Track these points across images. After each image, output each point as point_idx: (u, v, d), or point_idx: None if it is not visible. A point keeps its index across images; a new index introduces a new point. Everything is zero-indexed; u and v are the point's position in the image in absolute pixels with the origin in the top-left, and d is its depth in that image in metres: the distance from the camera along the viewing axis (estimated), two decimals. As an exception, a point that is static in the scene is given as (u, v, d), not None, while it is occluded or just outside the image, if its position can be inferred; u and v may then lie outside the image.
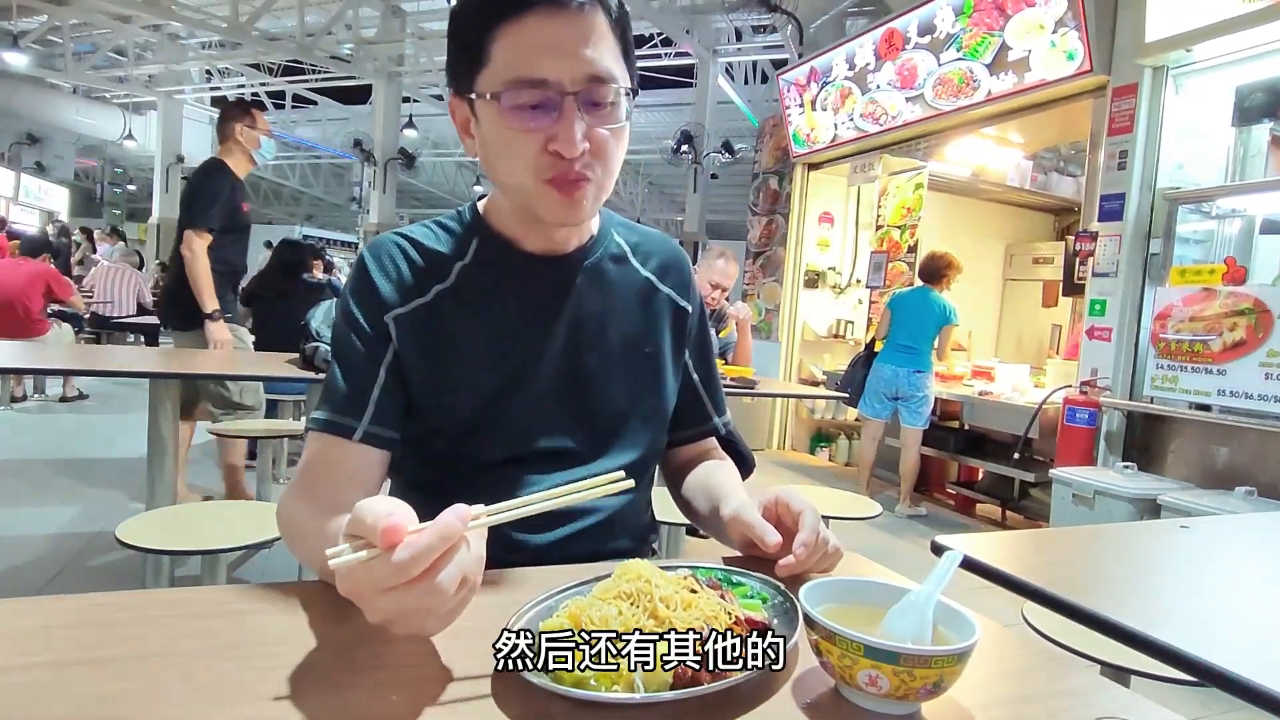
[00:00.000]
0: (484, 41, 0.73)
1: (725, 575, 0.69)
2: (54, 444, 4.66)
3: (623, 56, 0.76)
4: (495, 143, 0.75)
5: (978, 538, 0.96)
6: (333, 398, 0.80)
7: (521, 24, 0.71)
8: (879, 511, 2.30)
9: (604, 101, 0.74)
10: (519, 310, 0.84)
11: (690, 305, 0.96)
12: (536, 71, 0.71)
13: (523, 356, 0.83)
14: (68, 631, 0.56)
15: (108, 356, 2.84)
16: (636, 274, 0.93)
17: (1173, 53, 3.33)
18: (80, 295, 6.41)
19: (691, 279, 0.98)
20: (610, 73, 0.74)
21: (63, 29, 11.12)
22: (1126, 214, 3.50)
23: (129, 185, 20.11)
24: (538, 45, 0.71)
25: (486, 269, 0.84)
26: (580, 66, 0.72)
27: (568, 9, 0.71)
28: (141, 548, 1.55)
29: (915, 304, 4.31)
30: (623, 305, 0.90)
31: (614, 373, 0.87)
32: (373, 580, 0.48)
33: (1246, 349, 2.94)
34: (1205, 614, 0.78)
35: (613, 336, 0.88)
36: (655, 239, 0.97)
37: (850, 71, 5.20)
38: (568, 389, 0.85)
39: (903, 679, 0.49)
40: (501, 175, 0.78)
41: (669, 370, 0.93)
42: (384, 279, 0.82)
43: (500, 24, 0.72)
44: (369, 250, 0.84)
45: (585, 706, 0.49)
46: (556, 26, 0.71)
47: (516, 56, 0.72)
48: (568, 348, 0.85)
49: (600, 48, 0.73)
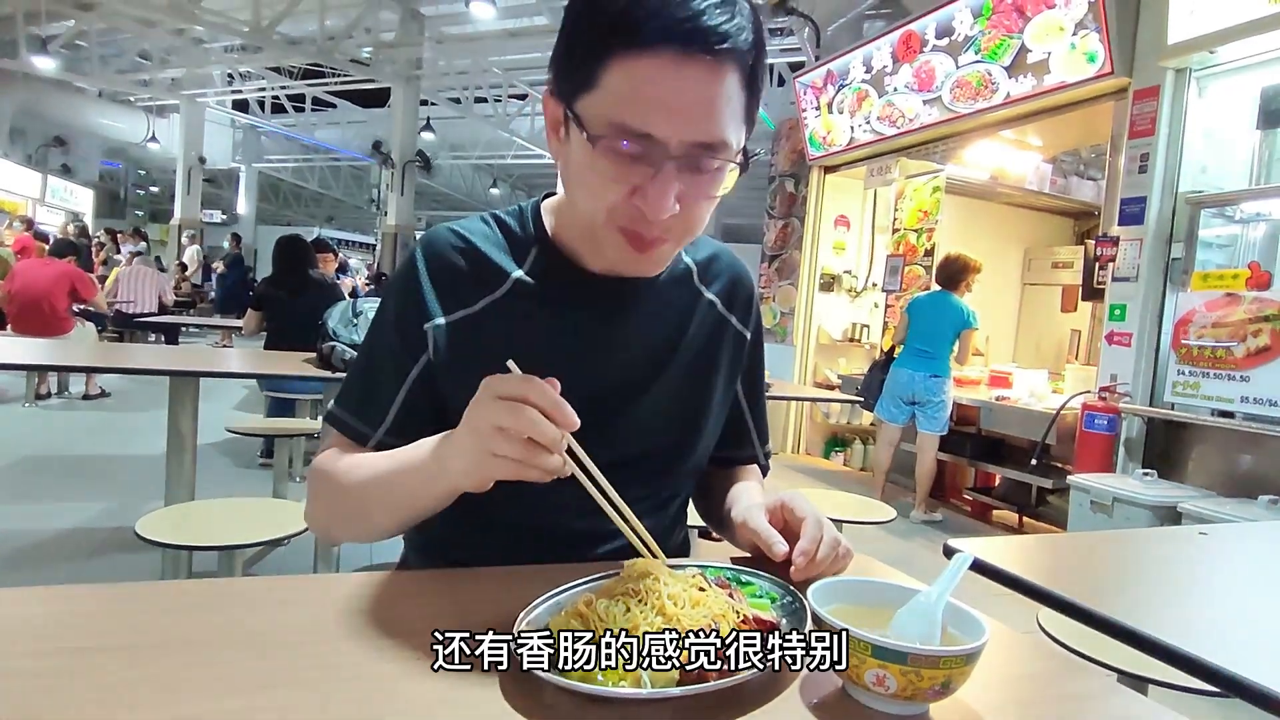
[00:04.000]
0: (596, 62, 0.64)
1: (734, 575, 0.69)
2: (76, 441, 4.74)
3: (745, 114, 0.68)
4: (580, 171, 0.69)
5: (992, 542, 0.95)
6: (354, 398, 0.80)
7: (641, 61, 0.62)
8: (893, 516, 2.29)
9: (708, 168, 0.67)
10: (570, 330, 0.79)
11: (749, 332, 0.91)
12: (644, 125, 0.63)
13: (564, 377, 0.78)
14: (86, 620, 0.57)
15: (129, 355, 2.89)
16: (700, 297, 0.87)
17: (1196, 55, 3.28)
18: (103, 295, 6.52)
19: (754, 301, 0.93)
20: (724, 140, 0.66)
21: (89, 34, 11.35)
22: (1148, 218, 3.45)
23: (152, 187, 20.45)
24: (652, 95, 0.63)
25: (542, 284, 0.80)
26: (693, 131, 0.64)
27: (698, 60, 0.62)
28: (159, 542, 1.57)
29: (932, 308, 4.28)
30: (681, 329, 0.85)
31: (662, 395, 0.83)
32: (524, 388, 0.58)
33: (1272, 355, 2.89)
34: (1224, 622, 0.77)
35: (666, 360, 0.83)
36: (723, 258, 0.91)
37: (867, 74, 5.18)
38: (612, 412, 0.80)
39: (910, 679, 0.48)
40: (577, 199, 0.72)
41: (719, 399, 0.88)
42: (431, 284, 0.78)
43: (619, 51, 0.63)
44: (422, 247, 0.80)
45: (592, 702, 0.49)
46: (679, 77, 0.62)
47: (628, 100, 0.63)
48: (618, 371, 0.81)
49: (722, 110, 0.65)
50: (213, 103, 15.07)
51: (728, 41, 0.63)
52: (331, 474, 0.76)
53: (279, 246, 4.22)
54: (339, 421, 0.80)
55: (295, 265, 4.14)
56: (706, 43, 0.62)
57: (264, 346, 4.07)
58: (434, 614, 0.63)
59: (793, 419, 6.23)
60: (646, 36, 0.62)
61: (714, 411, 0.88)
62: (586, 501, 0.64)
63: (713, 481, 0.96)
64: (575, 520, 0.77)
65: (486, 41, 11.07)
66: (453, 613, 0.63)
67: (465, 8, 8.61)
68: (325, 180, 20.29)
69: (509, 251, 0.81)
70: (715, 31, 0.62)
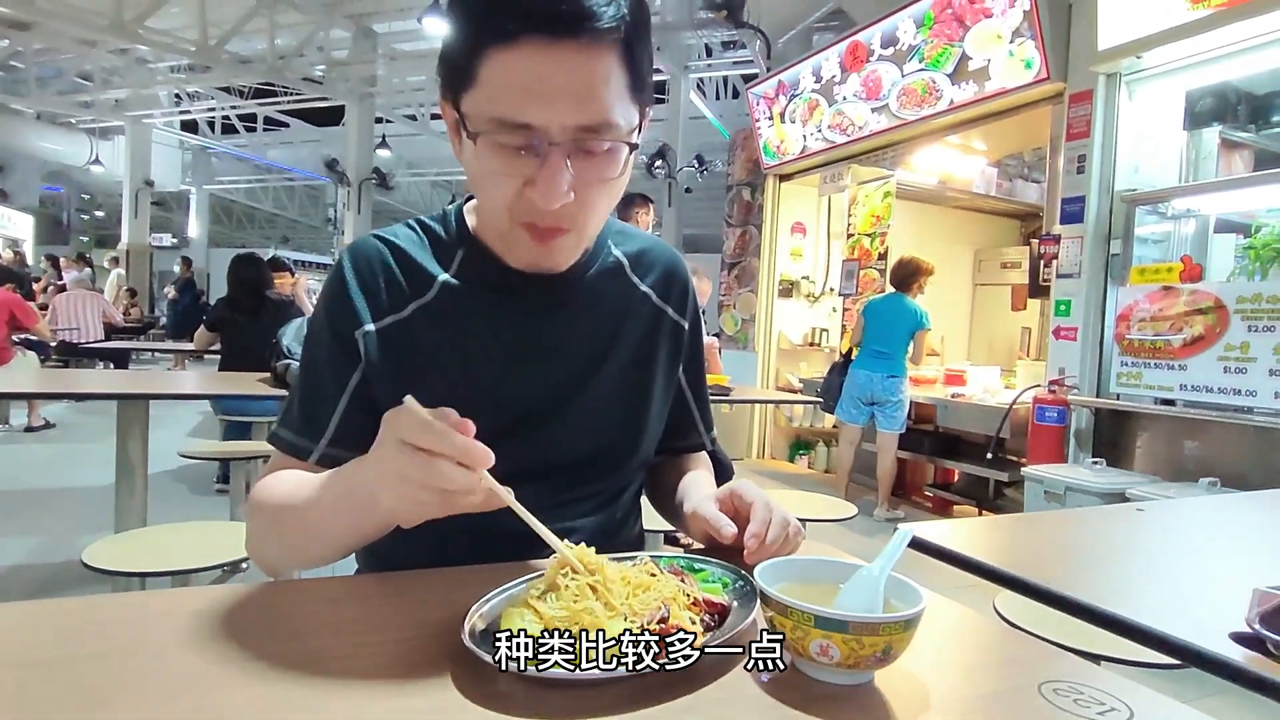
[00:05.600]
0: (472, 60, 0.64)
1: (688, 563, 0.70)
2: (19, 474, 4.55)
3: (632, 91, 0.67)
4: (476, 171, 0.69)
5: (940, 524, 0.98)
6: (293, 416, 0.79)
7: (513, 51, 0.62)
8: (855, 513, 2.32)
9: (597, 150, 0.67)
10: (502, 331, 0.79)
11: (687, 320, 0.91)
12: (521, 115, 0.63)
13: (501, 380, 0.79)
14: (31, 635, 0.56)
15: (73, 381, 2.80)
16: (635, 289, 0.87)
17: (1125, 59, 3.43)
18: (45, 323, 6.30)
19: (690, 290, 0.93)
20: (608, 120, 0.65)
21: (26, 54, 11.00)
22: (1087, 216, 3.59)
23: (97, 211, 19.84)
24: (526, 84, 0.62)
25: (470, 285, 0.79)
26: (572, 114, 0.64)
27: (567, 40, 0.62)
28: (109, 570, 1.52)
29: (887, 310, 4.38)
30: (617, 323, 0.84)
31: (602, 393, 0.83)
32: (428, 432, 0.54)
33: (1205, 344, 3.02)
34: (1164, 590, 0.80)
35: (604, 356, 0.83)
36: (656, 250, 0.91)
37: (817, 84, 5.30)
38: (553, 412, 0.80)
39: (852, 647, 0.50)
40: (481, 200, 0.74)
41: (661, 389, 0.89)
42: (360, 291, 0.77)
43: (490, 46, 0.63)
44: (348, 255, 0.79)
45: (543, 686, 0.50)
46: (551, 62, 0.62)
47: (503, 92, 0.63)
48: (555, 370, 0.81)
49: (602, 89, 0.64)
50: (160, 124, 14.70)
51: (594, 20, 0.62)
52: (266, 504, 0.73)
53: (234, 267, 4.13)
54: (280, 440, 0.79)
55: (252, 286, 4.07)
56: (570, 26, 0.62)
57: (219, 368, 3.97)
58: (386, 614, 0.63)
59: (757, 423, 6.30)
60: (512, 27, 0.61)
61: (656, 403, 0.89)
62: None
63: (662, 472, 0.96)
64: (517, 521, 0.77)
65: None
66: (402, 612, 0.63)
67: (418, 24, 8.58)
68: (280, 201, 19.94)
69: (435, 255, 0.81)
70: (578, 13, 0.62)
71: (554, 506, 0.78)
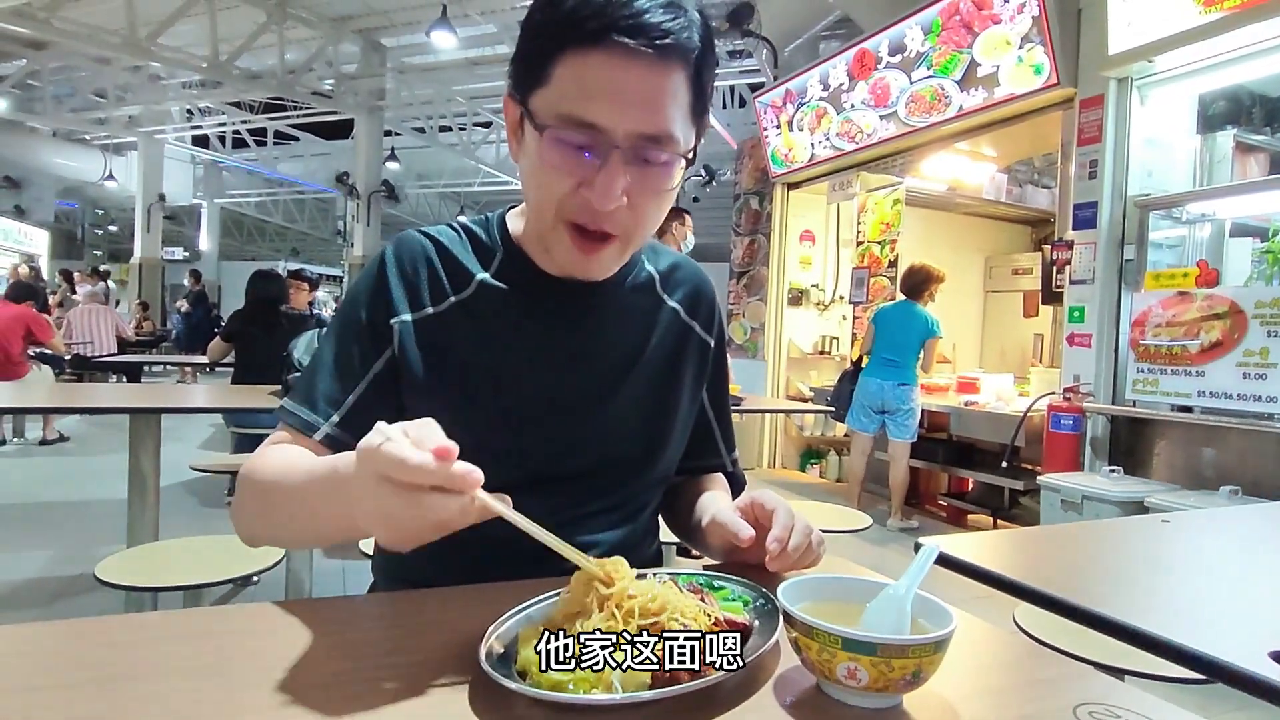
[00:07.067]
0: (547, 60, 0.67)
1: (707, 580, 0.68)
2: (34, 488, 4.58)
3: (693, 112, 0.71)
4: (533, 166, 0.71)
5: (961, 538, 0.96)
6: (306, 390, 0.77)
7: (591, 54, 0.65)
8: (869, 524, 2.30)
9: (655, 160, 0.69)
10: (533, 333, 0.80)
11: (713, 339, 0.92)
12: (589, 114, 0.66)
13: (528, 382, 0.79)
14: (37, 659, 0.55)
15: (87, 395, 2.81)
16: (663, 305, 0.88)
17: (1135, 64, 3.41)
18: (60, 337, 6.36)
19: (717, 310, 0.94)
20: (670, 133, 0.68)
21: (41, 73, 11.16)
22: (1100, 221, 3.56)
23: (110, 226, 20.06)
24: (598, 86, 0.65)
25: (507, 286, 0.81)
26: (638, 121, 0.66)
27: (642, 56, 0.64)
28: (121, 585, 1.52)
29: (897, 318, 4.35)
30: (645, 336, 0.85)
31: (626, 402, 0.83)
32: (407, 469, 0.49)
33: (1223, 350, 2.98)
34: (1193, 605, 0.78)
35: (630, 365, 0.83)
36: (685, 267, 0.93)
37: (825, 92, 5.30)
38: (577, 419, 0.81)
39: (881, 670, 0.48)
40: (530, 196, 0.75)
41: (685, 406, 0.89)
42: (400, 282, 0.79)
43: (569, 46, 0.65)
44: (392, 248, 0.81)
45: (564, 710, 0.48)
46: (625, 69, 0.65)
47: (575, 91, 0.66)
48: (582, 377, 0.81)
49: (669, 102, 0.67)
50: (172, 139, 14.87)
51: (671, 38, 0.65)
52: (259, 478, 0.71)
53: (253, 281, 4.20)
54: (287, 413, 0.77)
55: (270, 301, 4.13)
56: (650, 38, 0.64)
57: (231, 382, 3.99)
58: (401, 636, 0.62)
59: (767, 433, 6.26)
60: (593, 32, 0.64)
61: (680, 419, 0.88)
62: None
63: (680, 491, 0.95)
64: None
65: (449, 71, 11.11)
66: (417, 634, 0.62)
67: (426, 38, 8.65)
68: (290, 214, 20.08)
69: (476, 257, 0.82)
70: (659, 28, 0.65)
71: (573, 520, 0.78)
